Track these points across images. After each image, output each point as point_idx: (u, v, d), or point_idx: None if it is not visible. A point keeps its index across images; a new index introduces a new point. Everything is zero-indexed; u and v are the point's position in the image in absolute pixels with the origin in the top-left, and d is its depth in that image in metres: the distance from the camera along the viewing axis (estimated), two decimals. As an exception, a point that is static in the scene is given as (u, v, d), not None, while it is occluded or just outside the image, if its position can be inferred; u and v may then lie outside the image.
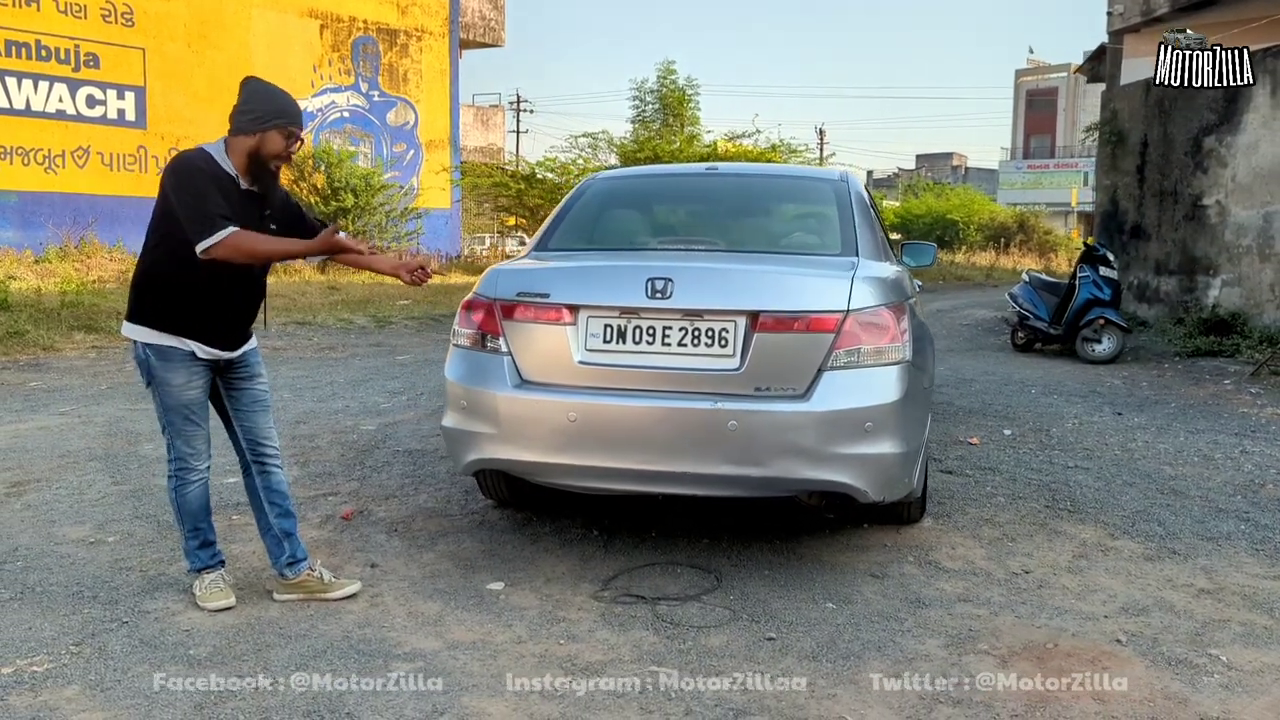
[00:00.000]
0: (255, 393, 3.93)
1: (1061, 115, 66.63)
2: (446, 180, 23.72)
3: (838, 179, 4.95)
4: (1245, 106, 11.73)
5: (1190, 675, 3.18)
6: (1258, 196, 11.56)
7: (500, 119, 33.47)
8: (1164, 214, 13.11)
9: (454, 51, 24.66)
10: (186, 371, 3.68)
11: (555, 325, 3.94)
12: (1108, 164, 14.49)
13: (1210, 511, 4.98)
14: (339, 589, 3.89)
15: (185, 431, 3.78)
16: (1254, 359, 10.21)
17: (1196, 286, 12.51)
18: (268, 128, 3.54)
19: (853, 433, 3.73)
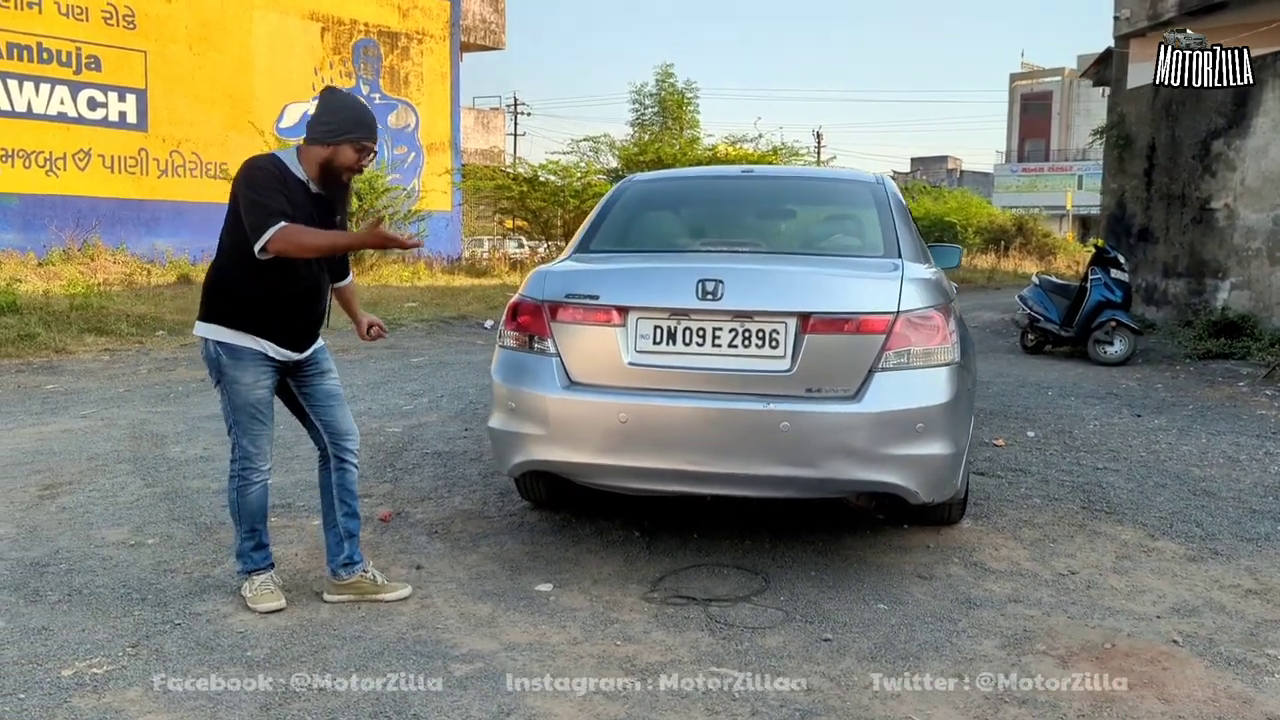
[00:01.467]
0: (328, 387, 3.94)
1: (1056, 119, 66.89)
2: (447, 183, 23.71)
3: (875, 181, 4.96)
4: (1254, 110, 11.79)
5: (1251, 675, 3.19)
6: (1267, 200, 11.61)
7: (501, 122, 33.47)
8: (1172, 217, 13.16)
9: (455, 54, 24.67)
10: (256, 370, 3.71)
11: (605, 327, 3.94)
12: (1115, 167, 14.54)
13: (1245, 513, 5.00)
14: (391, 592, 3.89)
15: (252, 430, 3.81)
16: (1266, 361, 10.25)
17: (1205, 289, 12.56)
18: (341, 141, 3.60)
19: (904, 434, 3.74)
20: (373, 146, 3.70)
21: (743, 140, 25.11)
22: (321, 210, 3.69)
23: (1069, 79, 66.81)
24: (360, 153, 3.65)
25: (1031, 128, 67.12)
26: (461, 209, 25.16)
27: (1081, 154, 62.13)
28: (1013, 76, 69.36)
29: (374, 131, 3.70)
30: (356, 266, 18.51)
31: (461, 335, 12.64)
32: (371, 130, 3.68)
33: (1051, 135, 66.20)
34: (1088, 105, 66.41)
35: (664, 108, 31.14)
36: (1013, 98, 68.86)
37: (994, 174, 63.29)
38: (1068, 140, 65.23)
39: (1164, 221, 13.35)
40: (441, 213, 23.36)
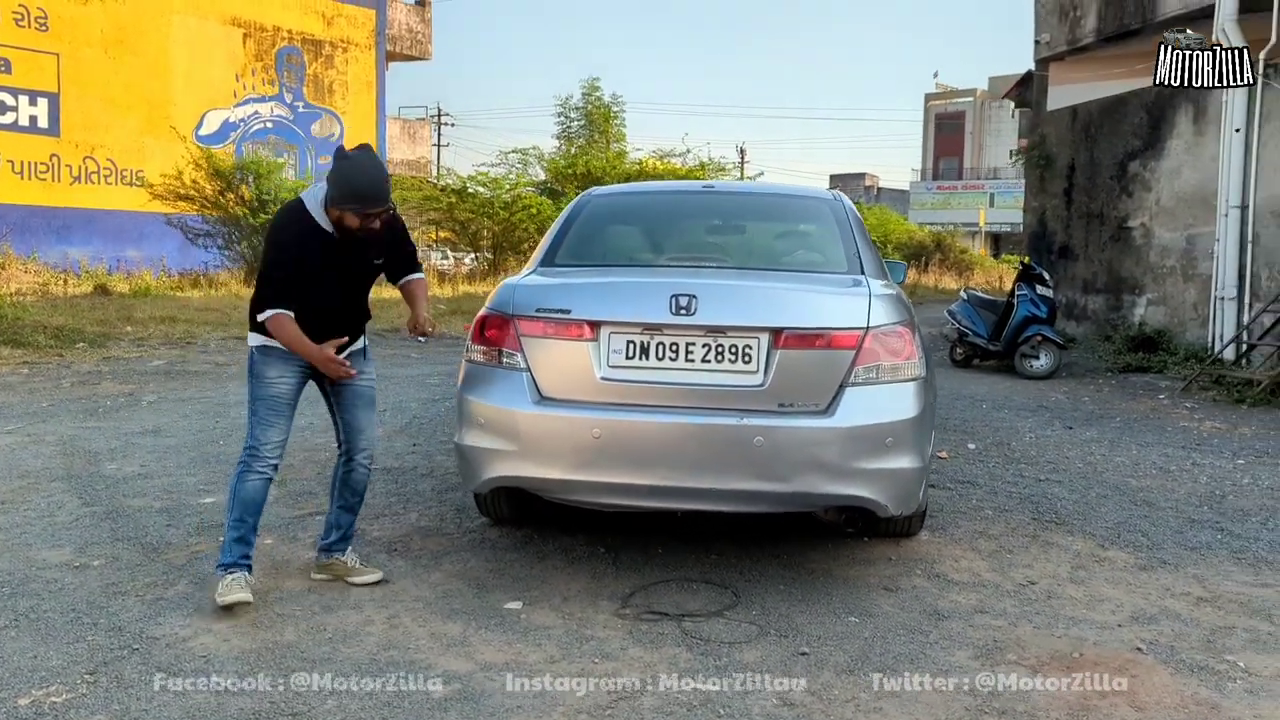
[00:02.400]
0: (357, 388, 4.11)
1: (969, 138, 68.73)
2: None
3: (832, 198, 5.03)
4: (1169, 133, 12.26)
5: (1215, 682, 3.29)
6: (1181, 219, 12.08)
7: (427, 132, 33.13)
8: (1091, 235, 13.61)
9: (380, 64, 24.37)
10: (281, 367, 3.93)
11: (576, 341, 3.92)
12: (1036, 186, 14.99)
13: (1185, 522, 5.17)
14: (361, 574, 4.13)
15: (266, 420, 3.96)
16: (1182, 375, 10.65)
17: (1123, 305, 13.01)
18: (343, 209, 3.75)
19: (875, 448, 3.79)
20: (376, 212, 3.78)
21: (671, 155, 25.32)
22: (347, 253, 3.89)
23: (981, 99, 68.73)
24: (363, 218, 3.76)
25: (945, 146, 68.85)
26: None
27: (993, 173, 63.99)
28: (928, 96, 71.10)
29: (374, 201, 3.75)
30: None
31: (396, 348, 12.46)
32: (368, 202, 3.73)
33: (965, 154, 67.98)
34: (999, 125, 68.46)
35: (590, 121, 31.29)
36: (927, 117, 70.58)
37: (910, 191, 64.75)
38: (980, 159, 67.10)
39: (1084, 239, 13.80)
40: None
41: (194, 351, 11.31)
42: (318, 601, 3.96)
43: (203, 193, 18.78)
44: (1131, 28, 12.99)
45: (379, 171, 3.82)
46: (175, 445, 6.62)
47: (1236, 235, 10.98)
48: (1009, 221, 57.67)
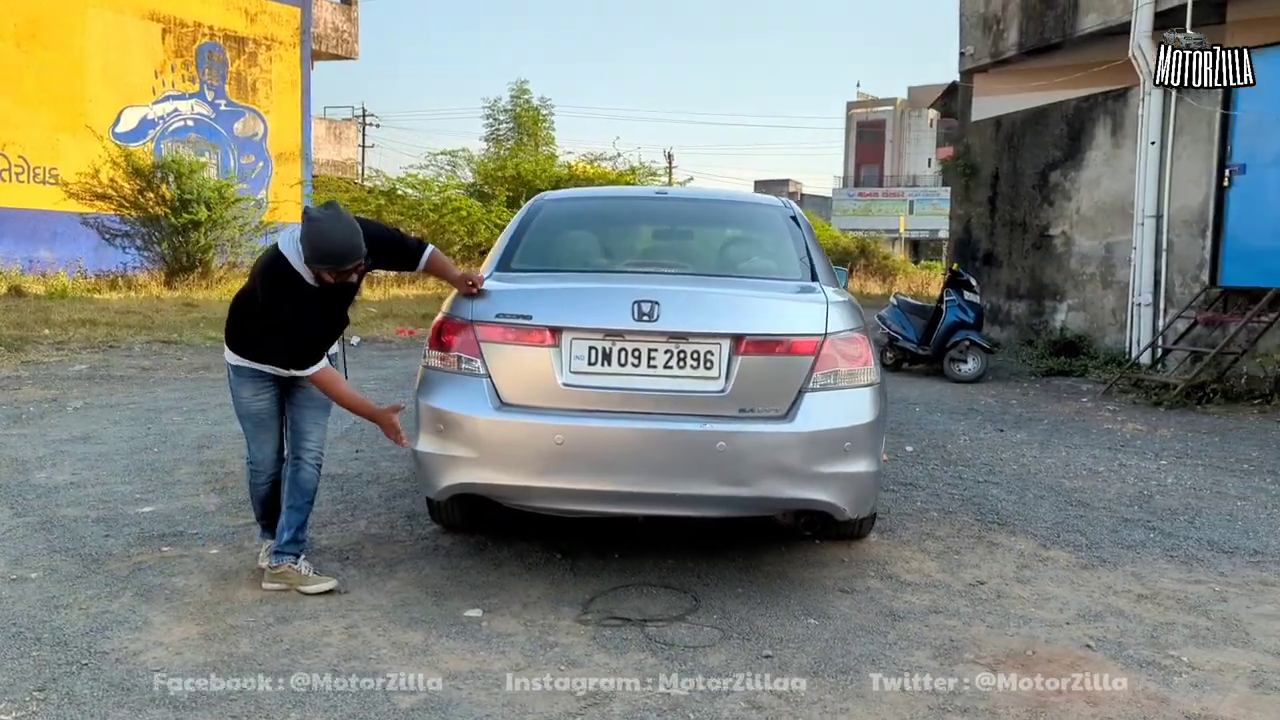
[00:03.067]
0: (312, 390, 4.17)
1: (889, 146, 70.14)
2: (299, 194, 22.96)
3: (783, 205, 5.10)
4: (1088, 144, 12.66)
5: (1162, 676, 3.42)
6: (1100, 228, 12.48)
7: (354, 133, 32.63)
8: (1014, 243, 13.98)
9: (305, 62, 23.95)
10: (254, 385, 4.14)
11: (538, 347, 3.91)
12: (961, 195, 15.35)
13: (1119, 522, 5.35)
14: (314, 584, 4.08)
15: (257, 437, 4.25)
16: (1103, 379, 11.00)
17: (1045, 310, 13.39)
18: (317, 269, 3.85)
19: (833, 452, 3.86)
20: (350, 269, 3.88)
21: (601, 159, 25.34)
22: (330, 300, 4.02)
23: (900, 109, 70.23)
24: (335, 275, 3.87)
25: (867, 154, 70.16)
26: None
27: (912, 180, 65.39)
28: (849, 105, 72.38)
29: (345, 260, 3.82)
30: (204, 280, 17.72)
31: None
32: (339, 261, 3.82)
33: (885, 161, 69.35)
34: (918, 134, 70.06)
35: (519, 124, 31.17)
36: (849, 125, 71.85)
37: (833, 198, 65.73)
38: (900, 167, 68.52)
39: (1007, 247, 14.17)
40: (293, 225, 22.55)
41: (117, 355, 10.96)
42: (271, 612, 3.89)
43: (121, 192, 18.21)
44: (1052, 42, 13.38)
45: (347, 231, 3.84)
46: (106, 453, 6.42)
47: (1152, 244, 11.38)
48: (927, 228, 59.04)
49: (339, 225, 3.80)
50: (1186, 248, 11.12)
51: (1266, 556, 4.80)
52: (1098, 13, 12.59)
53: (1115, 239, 12.21)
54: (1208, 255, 10.89)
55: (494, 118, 31.70)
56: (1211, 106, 10.72)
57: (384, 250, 4.13)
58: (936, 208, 58.89)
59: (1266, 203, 10.35)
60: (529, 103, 31.12)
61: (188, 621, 3.79)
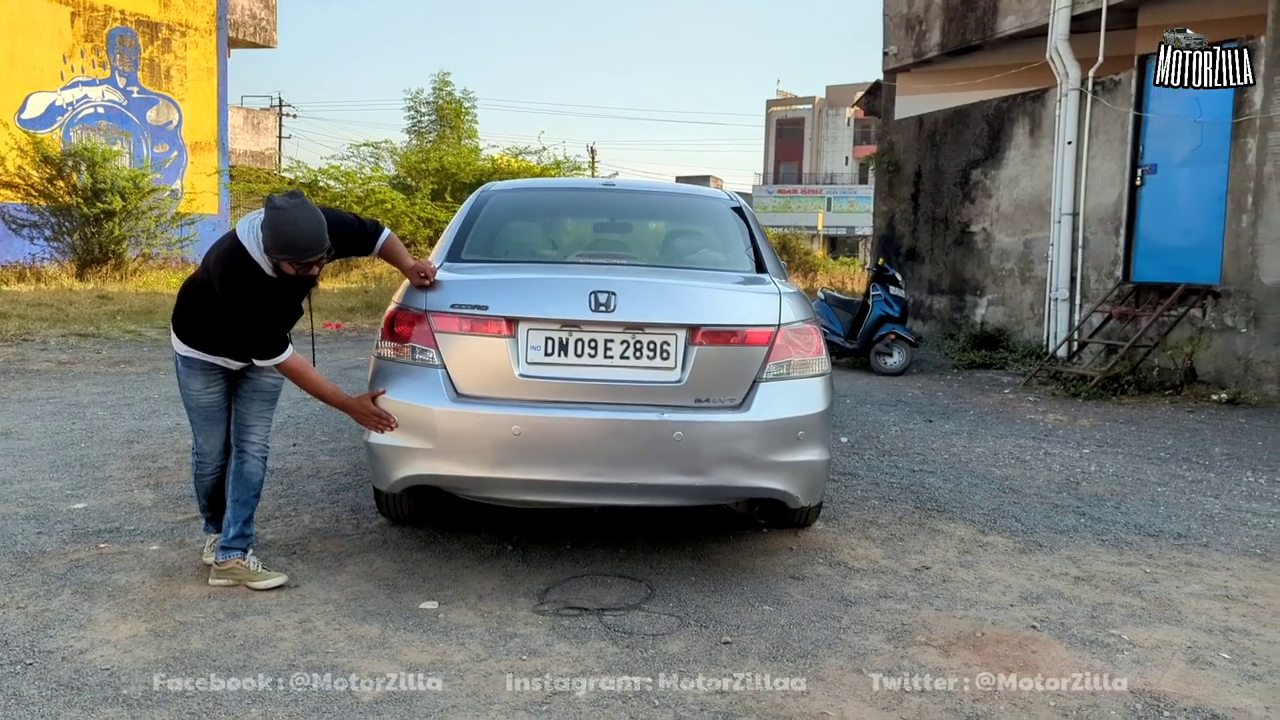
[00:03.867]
0: (259, 383, 4.14)
1: (808, 144, 71.04)
2: (215, 184, 22.39)
3: (730, 199, 5.15)
4: (1007, 144, 13.02)
5: (1106, 654, 3.55)
6: (1019, 225, 12.85)
7: (272, 123, 31.87)
8: (936, 239, 14.31)
9: (222, 49, 23.32)
10: (205, 378, 4.05)
11: (494, 338, 3.90)
12: (885, 192, 15.64)
13: (1050, 508, 5.53)
14: (264, 579, 4.00)
15: (204, 429, 4.15)
16: (1023, 371, 11.34)
17: (966, 305, 13.73)
18: (277, 259, 3.71)
19: (788, 441, 3.92)
20: (312, 261, 3.74)
21: (526, 152, 25.16)
22: (288, 291, 3.89)
23: (819, 107, 71.21)
24: (299, 266, 3.73)
25: (786, 151, 70.96)
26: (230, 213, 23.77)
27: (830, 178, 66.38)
28: (769, 103, 73.08)
29: (308, 253, 3.69)
30: (117, 272, 17.19)
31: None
32: (302, 254, 3.68)
33: (804, 159, 70.23)
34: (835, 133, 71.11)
35: (441, 116, 30.76)
36: (769, 123, 72.56)
37: (753, 194, 66.34)
38: (818, 164, 69.47)
39: (929, 243, 14.49)
40: (209, 216, 21.98)
41: (32, 349, 10.57)
42: (220, 607, 3.81)
43: (29, 180, 17.54)
44: (973, 43, 13.72)
45: (313, 221, 3.70)
46: (31, 449, 6.21)
47: (1069, 240, 11.77)
48: (845, 225, 60.04)
49: (304, 214, 3.66)
50: (1101, 245, 11.51)
51: (1189, 539, 5.01)
52: (1016, 16, 12.96)
53: (1033, 236, 12.58)
54: (1121, 252, 11.29)
55: (416, 110, 31.22)
56: (1125, 108, 11.12)
57: (342, 237, 3.99)
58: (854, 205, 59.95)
59: (1175, 202, 10.77)
60: (451, 95, 30.71)
61: (134, 619, 3.69)
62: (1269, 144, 9.73)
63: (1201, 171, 10.45)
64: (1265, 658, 3.55)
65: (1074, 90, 11.69)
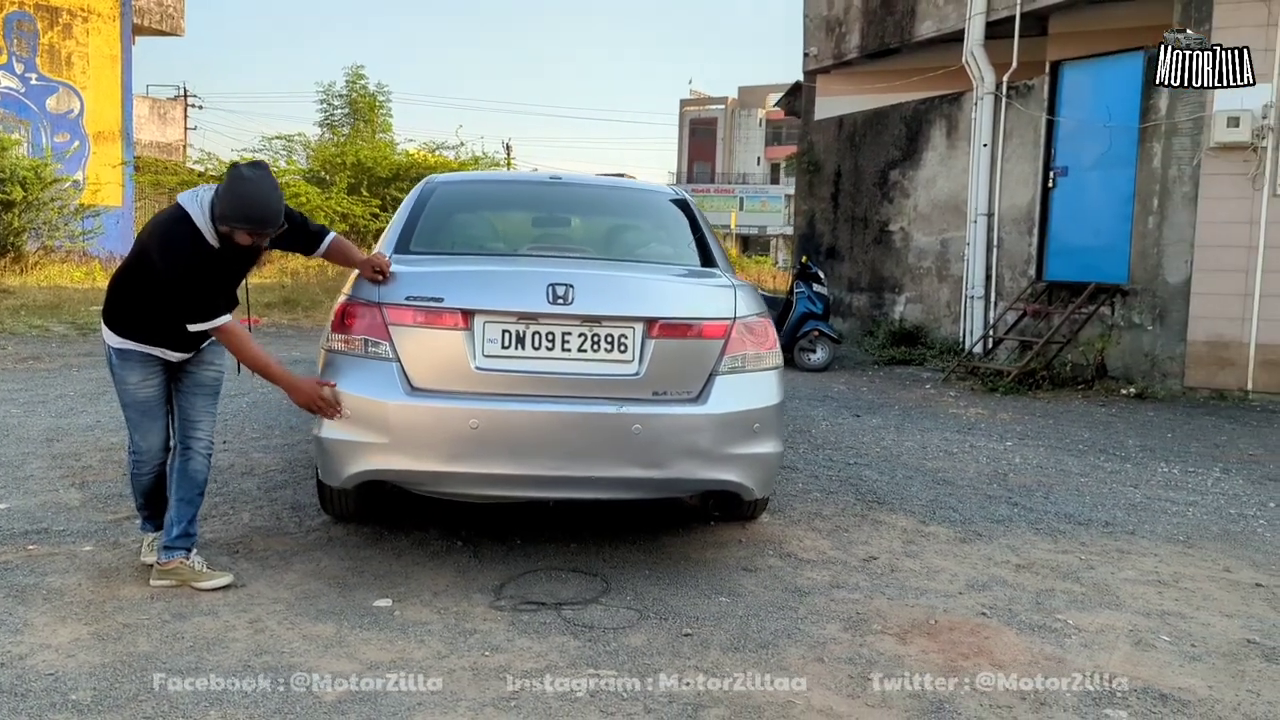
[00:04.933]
0: (200, 376, 4.07)
1: (720, 144, 71.69)
2: (119, 176, 21.61)
3: (677, 194, 5.17)
4: (925, 145, 13.32)
5: (1054, 639, 3.66)
6: (936, 225, 13.16)
7: (180, 113, 30.85)
8: (856, 238, 14.57)
9: (126, 36, 22.49)
10: (143, 370, 3.91)
11: (449, 330, 3.85)
12: (805, 191, 15.87)
13: (983, 499, 5.68)
14: (209, 579, 3.89)
15: (141, 426, 4.00)
16: (941, 367, 11.62)
17: (885, 303, 14.01)
18: (233, 226, 3.65)
19: (743, 434, 3.95)
20: (267, 233, 3.74)
21: (444, 148, 24.87)
22: (231, 261, 3.85)
23: (731, 107, 71.93)
24: (254, 236, 3.72)
25: (699, 151, 71.50)
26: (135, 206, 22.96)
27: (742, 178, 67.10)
28: (683, 102, 73.53)
29: (266, 222, 3.68)
30: (17, 265, 16.49)
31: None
32: (260, 224, 3.67)
33: (717, 159, 70.84)
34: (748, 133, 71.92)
35: (355, 109, 30.29)
36: (683, 122, 73.02)
37: (668, 192, 66.35)
38: (731, 164, 70.14)
39: (849, 241, 14.75)
40: (113, 209, 21.18)
41: None
42: (165, 609, 3.69)
43: (-80, 169, 16.68)
44: (891, 47, 14.00)
45: (275, 194, 3.74)
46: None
47: (984, 240, 12.09)
48: (757, 225, 60.75)
49: (268, 185, 3.69)
50: (1015, 244, 11.86)
51: (1116, 527, 5.20)
52: (933, 21, 13.25)
53: (950, 235, 12.89)
54: (1034, 251, 11.64)
55: (328, 103, 30.70)
56: (1038, 112, 11.47)
57: (291, 230, 3.96)
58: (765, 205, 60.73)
59: (1085, 204, 11.15)
60: (365, 88, 30.26)
61: (74, 622, 3.56)
62: (1174, 149, 10.13)
63: (1110, 174, 10.83)
64: (1202, 639, 3.70)
65: (989, 94, 12.00)
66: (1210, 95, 9.82)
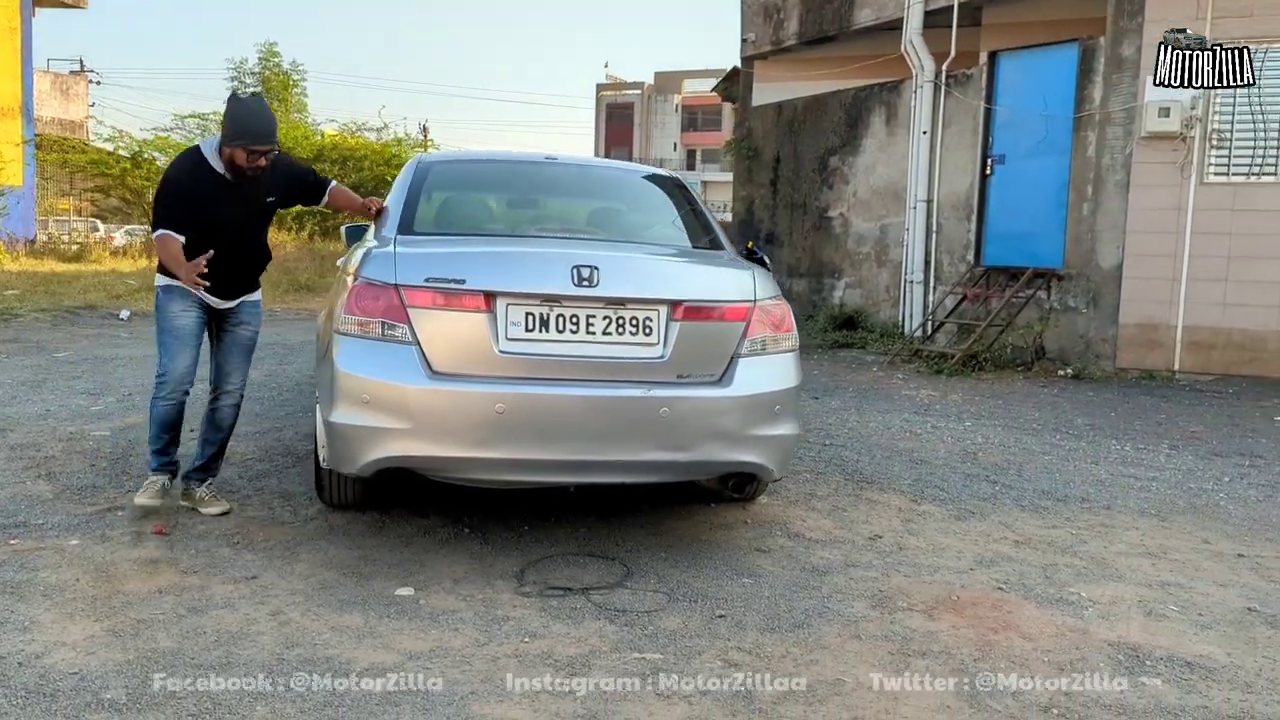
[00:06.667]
0: (237, 335, 4.60)
1: (638, 129, 71.71)
2: (20, 154, 20.66)
3: (671, 176, 5.15)
4: (864, 132, 13.51)
5: (1073, 611, 3.76)
6: (875, 211, 13.37)
7: (84, 89, 29.54)
8: (795, 223, 14.72)
9: (26, 7, 21.50)
10: (183, 301, 4.38)
11: (472, 313, 3.76)
12: (744, 176, 15.96)
13: (963, 477, 5.80)
14: (209, 506, 4.51)
15: (171, 349, 4.39)
16: (883, 350, 11.83)
17: (824, 288, 14.20)
18: (233, 146, 4.22)
19: (766, 415, 3.96)
20: (263, 150, 4.24)
21: (365, 129, 24.36)
22: (241, 193, 4.35)
23: (648, 93, 71.99)
24: (250, 154, 4.21)
25: (616, 136, 71.38)
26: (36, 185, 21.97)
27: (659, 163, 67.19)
28: (599, 87, 73.29)
29: (262, 139, 4.24)
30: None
31: (98, 328, 11.11)
32: (256, 138, 4.22)
33: (634, 144, 70.82)
34: (664, 119, 72.10)
35: (268, 88, 29.49)
36: (599, 106, 72.80)
37: (584, 177, 66.09)
38: (648, 150, 70.20)
39: (789, 227, 14.89)
40: (14, 189, 20.22)
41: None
42: (177, 603, 3.56)
43: None
44: (830, 34, 14.16)
45: (266, 114, 4.36)
46: None
47: (923, 226, 12.34)
48: (674, 210, 60.83)
49: (260, 106, 4.35)
50: (954, 230, 12.12)
51: (1093, 503, 5.36)
52: (872, 9, 13.43)
53: (889, 221, 13.11)
54: (972, 237, 11.91)
55: (240, 81, 29.81)
56: (976, 101, 11.72)
57: (297, 181, 4.62)
58: (681, 191, 60.85)
59: (1022, 190, 11.44)
60: (279, 66, 29.50)
61: (83, 619, 3.40)
62: (1108, 138, 10.46)
63: (1046, 162, 11.13)
64: (1207, 608, 3.84)
65: (929, 83, 12.22)
66: (1142, 85, 10.17)
